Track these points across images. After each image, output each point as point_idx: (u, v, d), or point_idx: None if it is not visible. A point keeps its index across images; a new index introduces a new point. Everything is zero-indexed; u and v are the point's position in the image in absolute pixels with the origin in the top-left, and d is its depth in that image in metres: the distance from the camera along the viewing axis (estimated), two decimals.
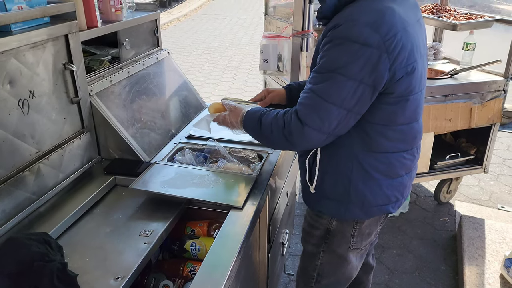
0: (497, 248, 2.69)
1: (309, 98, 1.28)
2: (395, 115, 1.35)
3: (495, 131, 3.05)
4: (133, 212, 1.50)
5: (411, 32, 1.27)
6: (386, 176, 1.44)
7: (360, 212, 1.48)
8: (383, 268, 2.74)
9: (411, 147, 1.46)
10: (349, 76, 1.22)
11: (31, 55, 1.37)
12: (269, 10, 3.34)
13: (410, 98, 1.33)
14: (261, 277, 1.84)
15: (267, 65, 2.30)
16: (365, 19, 1.21)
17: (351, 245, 1.57)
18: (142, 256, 1.28)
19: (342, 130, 1.32)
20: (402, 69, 1.25)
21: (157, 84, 2.09)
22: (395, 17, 1.23)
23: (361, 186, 1.43)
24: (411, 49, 1.26)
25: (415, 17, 1.37)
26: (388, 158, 1.41)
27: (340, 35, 1.23)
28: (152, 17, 2.16)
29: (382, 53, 1.20)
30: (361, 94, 1.25)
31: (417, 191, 3.60)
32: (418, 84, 1.34)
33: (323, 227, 1.57)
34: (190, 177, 1.62)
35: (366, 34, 1.19)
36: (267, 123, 1.38)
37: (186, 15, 13.00)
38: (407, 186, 1.54)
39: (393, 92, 1.29)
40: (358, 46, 1.20)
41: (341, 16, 1.27)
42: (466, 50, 3.04)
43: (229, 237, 1.34)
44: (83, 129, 1.66)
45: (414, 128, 1.43)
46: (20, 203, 1.37)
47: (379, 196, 1.46)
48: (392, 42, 1.20)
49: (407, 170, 1.49)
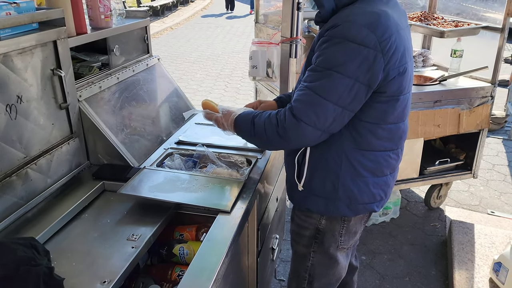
0: (487, 253, 2.70)
1: (306, 95, 1.32)
2: (385, 114, 1.40)
3: (484, 136, 3.08)
4: (121, 217, 1.50)
5: (403, 36, 1.34)
6: (373, 175, 1.48)
7: (347, 209, 1.51)
8: (374, 273, 2.75)
9: (397, 147, 1.51)
10: (346, 74, 1.27)
11: (19, 60, 1.38)
12: (259, 17, 3.37)
13: (400, 98, 1.39)
14: (251, 282, 1.84)
15: (256, 71, 2.32)
16: (362, 20, 1.27)
17: (340, 244, 1.60)
18: (129, 260, 1.28)
19: (336, 127, 1.36)
20: (395, 69, 1.32)
21: (147, 90, 2.10)
22: (389, 20, 1.29)
23: (349, 183, 1.46)
24: (403, 51, 1.33)
25: (406, 23, 1.44)
26: (376, 156, 1.46)
27: (338, 35, 1.28)
28: (142, 24, 2.17)
29: (378, 53, 1.26)
30: (356, 92, 1.29)
31: (407, 197, 3.62)
32: (407, 85, 1.41)
33: (313, 226, 1.59)
34: (178, 181, 1.63)
35: (364, 34, 1.25)
36: (260, 123, 1.41)
37: (179, 24, 13.05)
38: (390, 186, 1.59)
39: (385, 91, 1.35)
40: (356, 46, 1.25)
41: (338, 17, 1.32)
42: (454, 57, 3.08)
43: (217, 240, 1.35)
44: (72, 134, 1.66)
45: (400, 128, 1.48)
46: (7, 208, 1.37)
47: (365, 194, 1.50)
48: (387, 44, 1.27)
49: (391, 169, 1.54)
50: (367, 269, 2.78)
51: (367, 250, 2.96)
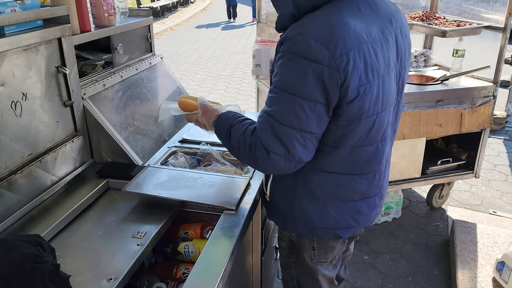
0: (489, 252, 2.70)
1: (267, 123, 1.20)
2: (344, 137, 1.25)
3: (486, 136, 3.08)
4: (126, 215, 1.50)
5: (367, 51, 1.16)
6: (333, 198, 1.37)
7: (304, 229, 1.43)
8: (376, 273, 2.74)
9: (365, 171, 1.37)
10: (303, 96, 1.14)
11: (24, 57, 1.38)
12: (261, 17, 3.37)
13: (362, 122, 1.23)
14: (255, 280, 1.84)
15: (259, 69, 2.32)
16: (315, 33, 1.12)
17: (314, 257, 1.50)
18: (135, 258, 1.27)
19: (310, 154, 1.24)
20: (353, 90, 1.15)
21: (150, 89, 2.10)
22: (348, 33, 1.12)
23: (305, 204, 1.38)
24: (365, 69, 1.16)
25: (381, 34, 1.23)
26: (336, 179, 1.34)
27: (291, 50, 1.15)
28: (145, 23, 2.17)
29: (333, 71, 1.11)
30: (319, 113, 1.17)
31: (409, 197, 3.62)
32: (373, 106, 1.22)
33: (287, 238, 1.54)
34: (183, 179, 1.63)
35: (316, 50, 1.10)
36: (236, 137, 1.30)
37: (179, 25, 13.06)
38: (363, 214, 1.43)
39: (341, 114, 1.20)
40: (308, 63, 1.11)
41: (294, 27, 1.18)
42: (456, 56, 3.08)
43: (222, 238, 1.34)
44: (76, 132, 1.66)
45: (368, 151, 1.32)
46: (12, 205, 1.36)
47: (324, 218, 1.39)
48: (342, 61, 1.11)
49: (361, 195, 1.40)
50: (370, 269, 2.78)
51: (370, 249, 2.96)
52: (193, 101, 1.52)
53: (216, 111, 1.42)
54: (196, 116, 1.48)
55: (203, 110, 1.47)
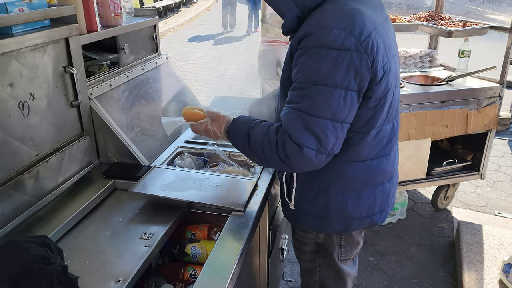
0: (496, 254, 2.69)
1: (297, 118, 1.19)
2: (374, 118, 1.29)
3: (491, 137, 3.07)
4: (133, 216, 1.49)
5: (381, 32, 1.24)
6: (367, 186, 1.39)
7: (342, 226, 1.44)
8: (382, 274, 2.73)
9: (388, 152, 1.41)
10: (335, 85, 1.15)
11: (31, 57, 1.37)
12: (266, 17, 3.36)
13: (387, 99, 1.29)
14: (261, 282, 1.83)
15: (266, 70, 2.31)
16: (335, 23, 1.15)
17: (341, 256, 1.53)
18: (143, 259, 1.27)
19: (340, 145, 1.25)
20: (381, 69, 1.21)
21: (156, 89, 2.09)
22: (364, 17, 1.18)
23: (340, 199, 1.38)
24: (384, 48, 1.23)
25: (382, 17, 1.32)
26: (368, 166, 1.37)
27: (314, 44, 1.16)
28: (150, 23, 2.16)
29: (362, 54, 1.15)
30: (350, 102, 1.19)
31: (414, 198, 3.60)
32: (393, 81, 1.31)
33: (312, 241, 1.54)
34: (190, 180, 1.62)
35: (342, 38, 1.13)
36: (257, 140, 1.27)
37: (182, 25, 13.05)
38: (391, 194, 1.48)
39: (372, 96, 1.24)
40: (337, 52, 1.14)
41: (309, 24, 1.20)
42: (462, 57, 3.07)
43: (231, 240, 1.33)
44: (83, 132, 1.65)
45: (387, 130, 1.37)
46: (19, 206, 1.35)
47: (360, 208, 1.41)
48: (368, 43, 1.16)
49: (388, 177, 1.44)
50: (375, 270, 2.76)
51: (375, 251, 2.95)
52: (199, 111, 1.47)
53: (227, 118, 1.39)
54: (205, 125, 1.42)
55: (212, 118, 1.42)
